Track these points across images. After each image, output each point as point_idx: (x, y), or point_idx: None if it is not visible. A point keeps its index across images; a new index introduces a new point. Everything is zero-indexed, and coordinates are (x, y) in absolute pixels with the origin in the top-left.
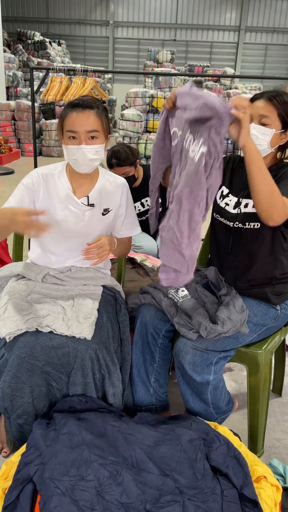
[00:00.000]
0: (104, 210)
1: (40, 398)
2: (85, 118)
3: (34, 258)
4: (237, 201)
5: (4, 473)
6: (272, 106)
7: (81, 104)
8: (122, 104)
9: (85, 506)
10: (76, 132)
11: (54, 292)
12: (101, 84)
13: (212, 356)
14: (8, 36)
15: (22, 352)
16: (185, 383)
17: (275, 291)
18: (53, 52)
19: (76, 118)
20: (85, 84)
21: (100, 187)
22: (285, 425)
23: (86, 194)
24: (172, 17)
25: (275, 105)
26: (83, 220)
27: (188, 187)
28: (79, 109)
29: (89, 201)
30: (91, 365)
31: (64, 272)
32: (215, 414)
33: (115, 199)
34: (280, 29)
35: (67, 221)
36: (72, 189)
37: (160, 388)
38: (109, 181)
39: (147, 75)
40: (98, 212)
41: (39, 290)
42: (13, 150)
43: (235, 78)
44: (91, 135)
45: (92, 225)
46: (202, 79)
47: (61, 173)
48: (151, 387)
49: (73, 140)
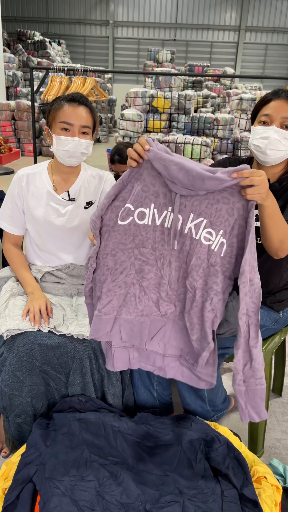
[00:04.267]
0: (87, 203)
1: (39, 398)
2: (80, 112)
3: (31, 259)
4: None
5: (4, 473)
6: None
7: (77, 99)
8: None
9: (85, 506)
10: (70, 125)
11: (53, 292)
12: (101, 84)
13: None
14: (8, 36)
15: (20, 351)
16: None
17: (275, 299)
18: (53, 52)
19: (72, 111)
20: (85, 84)
21: (81, 182)
22: (285, 425)
23: (67, 189)
24: (172, 17)
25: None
26: (64, 215)
27: (202, 278)
28: (75, 104)
29: (69, 196)
30: (90, 365)
31: (62, 270)
32: (212, 412)
33: (97, 191)
34: (280, 29)
35: (49, 217)
36: (53, 185)
37: (164, 390)
38: (91, 175)
39: (147, 75)
40: (80, 206)
41: None
42: (13, 150)
43: (235, 78)
44: (83, 130)
45: (75, 219)
46: (202, 79)
47: (42, 171)
48: (154, 391)
49: (66, 131)
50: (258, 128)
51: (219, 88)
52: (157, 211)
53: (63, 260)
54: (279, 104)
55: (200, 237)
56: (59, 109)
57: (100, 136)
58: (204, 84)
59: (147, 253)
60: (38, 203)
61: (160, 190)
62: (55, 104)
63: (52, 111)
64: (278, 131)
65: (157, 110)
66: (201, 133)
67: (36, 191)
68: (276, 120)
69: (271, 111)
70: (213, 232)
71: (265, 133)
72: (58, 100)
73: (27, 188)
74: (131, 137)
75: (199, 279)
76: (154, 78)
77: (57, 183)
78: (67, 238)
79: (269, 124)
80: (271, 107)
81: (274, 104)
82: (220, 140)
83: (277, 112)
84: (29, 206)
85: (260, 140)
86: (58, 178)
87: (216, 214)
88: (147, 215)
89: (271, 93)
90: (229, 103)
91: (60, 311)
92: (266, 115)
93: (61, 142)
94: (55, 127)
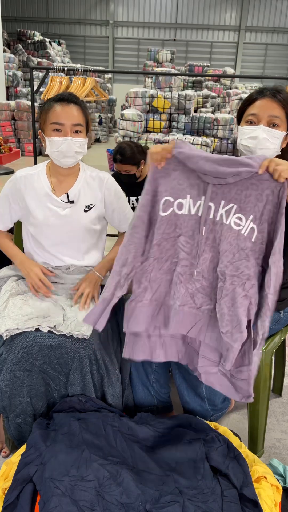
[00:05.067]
0: (86, 206)
1: (38, 398)
2: (70, 111)
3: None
4: None
5: (4, 473)
6: (280, 107)
7: (66, 98)
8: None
9: (85, 506)
10: (62, 125)
11: (54, 292)
12: (101, 84)
13: None
14: (8, 36)
15: (20, 351)
16: (180, 376)
17: None
18: (53, 52)
19: (62, 111)
20: (85, 84)
21: (80, 184)
22: (285, 425)
23: (66, 191)
24: (172, 17)
25: (284, 105)
26: (63, 218)
27: (233, 264)
28: (64, 103)
29: (68, 198)
30: (90, 365)
31: (63, 270)
32: (211, 411)
33: (97, 195)
34: (280, 29)
35: (48, 220)
36: (51, 187)
37: (161, 388)
38: (91, 176)
39: (147, 75)
40: (79, 208)
41: None
42: (13, 150)
43: (235, 78)
44: (76, 128)
45: (73, 222)
46: (202, 79)
47: (40, 173)
48: (152, 388)
49: (57, 132)
50: (246, 128)
51: (219, 88)
52: (192, 201)
53: (63, 261)
54: (264, 103)
55: (230, 222)
56: (50, 110)
57: (100, 136)
58: (204, 84)
59: (185, 241)
60: (36, 205)
61: (194, 182)
62: (45, 106)
63: (43, 113)
64: (266, 130)
65: (157, 110)
66: (201, 133)
67: (35, 193)
68: (263, 119)
69: (257, 110)
70: (243, 218)
71: (253, 132)
72: (48, 101)
73: (25, 190)
74: (131, 137)
75: (230, 265)
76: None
77: (55, 185)
78: (67, 240)
79: (257, 123)
80: (257, 106)
81: (260, 103)
82: (220, 140)
83: (263, 111)
84: (28, 208)
85: (249, 140)
86: (56, 180)
87: (245, 200)
88: (184, 206)
89: (256, 92)
90: (229, 103)
91: (60, 311)
92: (253, 114)
93: (54, 143)
94: (47, 129)
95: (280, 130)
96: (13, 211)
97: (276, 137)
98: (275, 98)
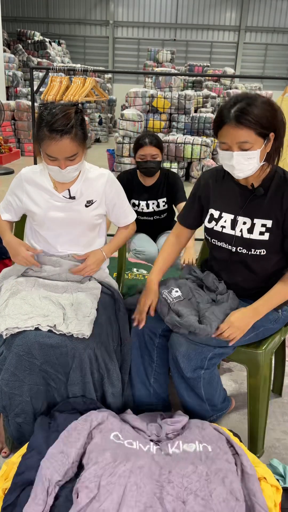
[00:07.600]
0: (88, 202)
1: (39, 397)
2: (63, 146)
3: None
4: (233, 219)
5: (4, 473)
6: (246, 128)
7: (58, 129)
8: (122, 104)
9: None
10: (56, 158)
11: (54, 290)
12: (101, 84)
13: (207, 351)
14: (8, 36)
15: (20, 350)
16: (179, 376)
17: None
18: (53, 52)
19: (55, 147)
20: (85, 84)
21: (82, 181)
22: (285, 425)
23: (67, 187)
24: (172, 17)
25: (250, 126)
26: (65, 213)
27: None
28: (57, 137)
29: (70, 194)
30: (90, 364)
31: (62, 257)
32: (211, 411)
33: (98, 190)
34: (280, 29)
35: (50, 213)
36: (53, 185)
37: (160, 388)
38: (92, 173)
39: (147, 75)
40: (81, 204)
41: (38, 287)
42: (13, 150)
43: (235, 78)
44: (70, 158)
45: (76, 217)
46: (202, 79)
47: (43, 171)
48: (151, 387)
49: (53, 161)
50: (222, 153)
51: (219, 88)
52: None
53: (63, 253)
54: (230, 131)
55: None
56: (43, 140)
57: (100, 136)
58: (204, 84)
59: None
60: (39, 200)
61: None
62: (39, 133)
63: (38, 135)
64: (240, 154)
65: (157, 110)
66: (201, 133)
67: (38, 188)
68: (233, 146)
69: (225, 139)
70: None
71: (228, 160)
72: (41, 126)
73: (28, 185)
74: (131, 137)
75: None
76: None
77: (57, 183)
78: (67, 233)
79: (230, 149)
80: (223, 135)
81: (226, 132)
82: None
83: (231, 139)
84: (31, 201)
85: (226, 164)
86: None
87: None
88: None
89: (223, 114)
90: None
91: (59, 310)
92: (223, 143)
93: (50, 170)
94: (43, 153)
95: (255, 149)
96: (18, 204)
97: (252, 157)
98: (238, 123)
